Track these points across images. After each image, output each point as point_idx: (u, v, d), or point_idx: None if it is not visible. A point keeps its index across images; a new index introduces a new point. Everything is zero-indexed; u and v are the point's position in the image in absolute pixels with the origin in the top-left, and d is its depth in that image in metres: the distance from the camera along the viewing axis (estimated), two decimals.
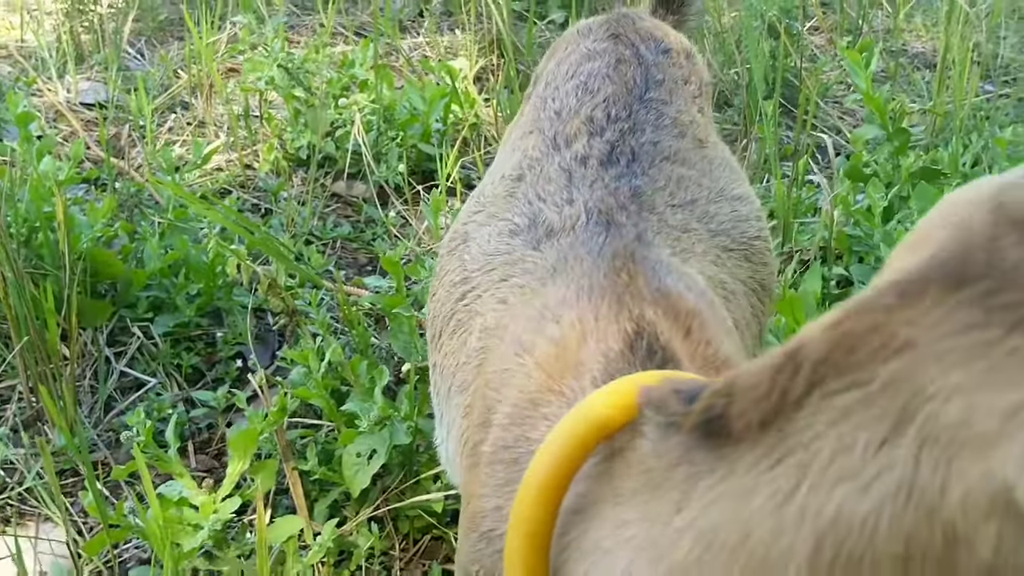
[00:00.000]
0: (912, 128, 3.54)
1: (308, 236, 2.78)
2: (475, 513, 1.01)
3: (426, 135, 3.11)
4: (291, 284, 2.37)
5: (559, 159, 1.34)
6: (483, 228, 1.34)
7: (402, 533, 1.83)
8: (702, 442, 0.68)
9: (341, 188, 3.07)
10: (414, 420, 1.78)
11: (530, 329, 1.08)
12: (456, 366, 1.26)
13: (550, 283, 1.14)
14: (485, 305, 1.23)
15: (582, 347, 0.99)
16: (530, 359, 1.03)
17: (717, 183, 1.43)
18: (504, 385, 1.05)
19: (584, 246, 1.15)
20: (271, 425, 1.71)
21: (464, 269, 1.32)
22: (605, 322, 1.01)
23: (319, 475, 1.82)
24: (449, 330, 1.31)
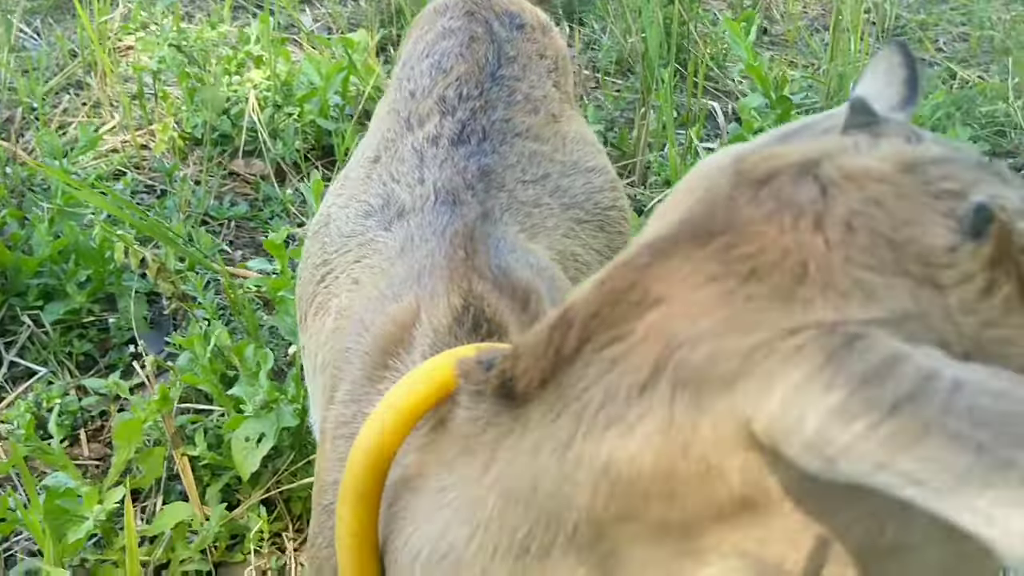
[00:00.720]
0: (807, 89, 3.63)
1: (204, 216, 2.76)
2: (320, 488, 1.05)
3: (324, 110, 3.09)
4: (181, 268, 2.35)
5: (412, 139, 1.35)
6: (343, 210, 1.36)
7: (295, 515, 1.85)
8: (502, 404, 0.72)
9: (239, 166, 3.05)
10: (301, 402, 1.79)
11: (372, 308, 1.11)
12: (317, 347, 1.29)
13: (397, 263, 1.17)
14: (341, 286, 1.26)
15: (416, 323, 1.03)
16: (369, 337, 1.07)
17: (570, 156, 1.45)
18: (346, 363, 1.08)
19: (430, 226, 1.19)
20: (155, 413, 1.71)
21: (324, 251, 1.34)
22: (437, 298, 1.04)
23: (209, 460, 1.82)
24: (312, 312, 1.33)
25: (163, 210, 2.70)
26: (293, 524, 1.84)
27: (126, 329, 2.30)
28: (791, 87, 2.90)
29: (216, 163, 2.99)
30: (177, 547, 1.69)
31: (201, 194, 2.80)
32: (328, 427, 1.07)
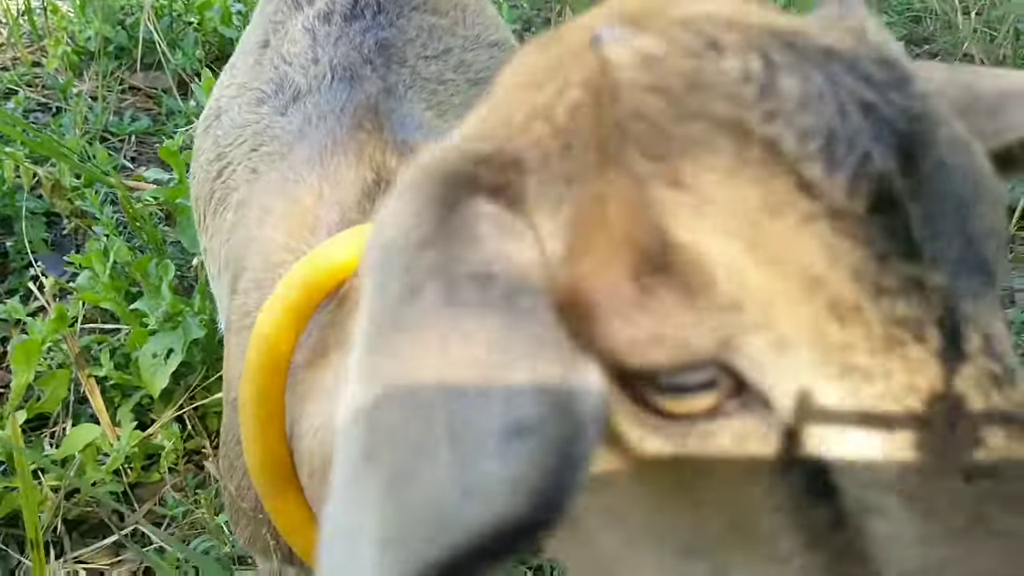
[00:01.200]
0: None
1: (103, 133, 2.63)
2: (227, 383, 1.01)
3: (226, 18, 2.96)
4: (78, 185, 2.24)
5: (302, 19, 1.28)
6: (234, 100, 1.28)
7: (211, 430, 1.80)
8: None
9: (138, 80, 2.91)
10: (208, 314, 1.72)
11: (272, 192, 1.05)
12: (220, 245, 1.22)
13: (296, 146, 1.11)
14: (239, 179, 1.19)
15: (319, 202, 0.98)
16: (270, 222, 1.01)
17: (472, 31, 1.38)
18: (248, 252, 1.03)
19: (328, 104, 1.12)
20: (53, 334, 1.63)
21: (217, 145, 1.27)
22: (343, 173, 0.99)
23: (117, 380, 1.75)
24: (211, 211, 1.26)
25: (59, 128, 2.57)
26: (210, 440, 1.79)
27: (24, 253, 2.19)
28: None
29: (114, 77, 2.85)
30: (88, 470, 1.62)
31: (99, 110, 2.66)
32: (232, 319, 1.02)
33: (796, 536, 0.48)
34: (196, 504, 1.60)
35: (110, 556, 1.59)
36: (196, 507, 1.60)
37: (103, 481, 1.64)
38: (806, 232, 0.46)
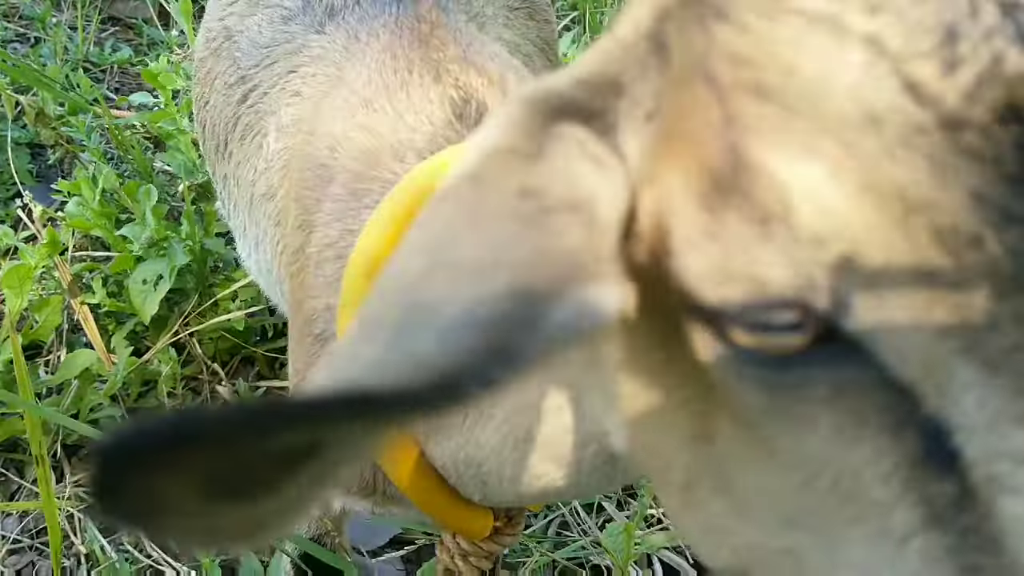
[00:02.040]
0: None
1: (84, 64, 2.58)
2: (307, 318, 0.95)
3: None
4: (62, 113, 2.20)
5: None
6: (247, 19, 1.22)
7: (208, 355, 1.78)
8: None
9: (119, 10, 2.85)
10: (196, 240, 1.70)
11: (339, 119, 0.99)
12: (255, 173, 1.16)
13: (348, 66, 1.05)
14: (276, 102, 1.13)
15: (399, 125, 0.92)
16: (344, 151, 0.95)
17: None
18: (321, 182, 0.97)
19: (378, 19, 1.06)
20: (45, 258, 1.60)
21: (238, 68, 1.20)
22: (423, 91, 0.94)
23: (109, 307, 1.73)
24: (236, 136, 1.20)
25: (38, 59, 2.51)
26: (207, 366, 1.78)
27: (9, 184, 2.16)
28: None
29: (93, 7, 2.78)
30: (86, 395, 1.61)
31: (79, 40, 2.61)
32: (311, 251, 0.96)
33: (913, 512, 0.42)
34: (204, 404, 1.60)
35: None
36: None
37: (101, 406, 1.63)
38: (912, 147, 0.38)
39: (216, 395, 1.75)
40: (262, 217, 1.17)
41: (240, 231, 1.30)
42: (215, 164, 1.32)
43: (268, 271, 1.21)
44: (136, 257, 1.69)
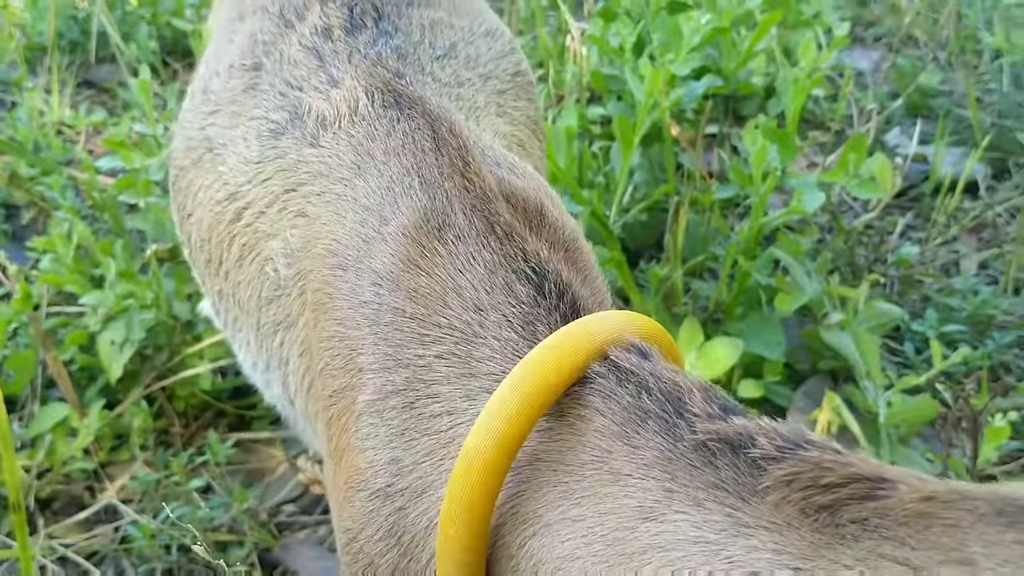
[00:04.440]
0: None
1: (59, 126, 2.62)
2: (361, 469, 0.89)
3: (178, 10, 2.96)
4: (35, 175, 2.23)
5: (297, 38, 1.16)
6: (231, 131, 1.16)
7: (178, 411, 1.80)
8: (725, 462, 0.62)
9: (93, 74, 2.90)
10: (164, 308, 1.73)
11: (377, 254, 0.93)
12: (259, 299, 1.10)
13: (362, 186, 0.98)
14: (277, 224, 1.06)
15: (453, 273, 0.87)
16: (394, 289, 0.90)
17: (465, 20, 1.27)
18: (367, 321, 0.91)
19: (386, 133, 1.00)
20: (19, 313, 1.63)
21: (225, 184, 1.14)
22: (477, 243, 0.87)
23: (81, 363, 1.75)
24: (233, 256, 1.13)
25: (14, 122, 2.55)
26: (179, 420, 1.79)
27: None
28: None
29: (69, 72, 2.83)
30: (59, 449, 1.62)
31: (54, 103, 2.65)
32: (365, 398, 0.89)
33: None
34: (168, 472, 1.61)
35: (82, 531, 1.59)
36: (168, 475, 1.60)
37: (73, 458, 1.64)
38: None
39: (188, 447, 1.76)
40: (277, 345, 1.10)
41: (242, 346, 1.22)
42: (205, 276, 1.24)
43: (286, 398, 1.14)
44: (105, 316, 1.72)
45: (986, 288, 2.10)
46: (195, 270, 1.30)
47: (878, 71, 3.11)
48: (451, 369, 0.84)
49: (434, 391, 0.84)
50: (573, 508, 0.69)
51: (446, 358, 0.84)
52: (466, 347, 0.84)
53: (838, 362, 1.81)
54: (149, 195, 1.81)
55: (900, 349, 1.99)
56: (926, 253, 2.26)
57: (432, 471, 0.83)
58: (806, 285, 1.82)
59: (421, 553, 0.83)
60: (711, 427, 0.64)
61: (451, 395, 0.84)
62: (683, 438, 0.65)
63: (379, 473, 0.87)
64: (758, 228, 1.79)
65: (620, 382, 0.70)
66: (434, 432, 0.83)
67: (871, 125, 2.60)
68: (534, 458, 0.74)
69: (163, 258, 1.88)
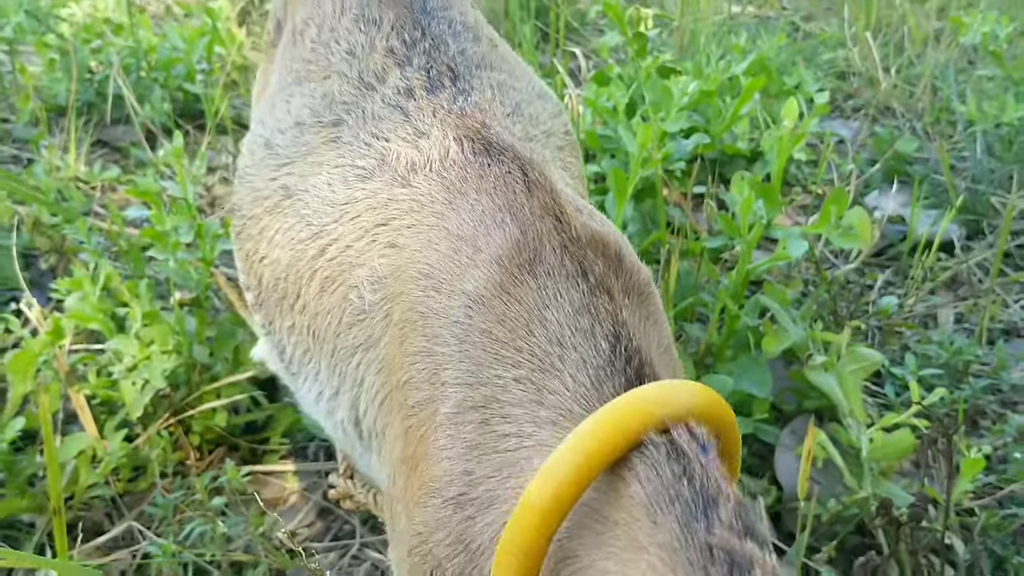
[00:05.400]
0: (657, 38, 3.80)
1: (75, 182, 2.73)
2: (437, 477, 0.94)
3: (190, 75, 3.09)
4: (56, 223, 2.34)
5: (380, 96, 1.27)
6: (312, 178, 1.25)
7: (194, 445, 1.88)
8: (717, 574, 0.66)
9: (108, 134, 3.02)
10: (186, 353, 1.82)
11: (469, 278, 0.99)
12: (339, 325, 1.17)
13: (454, 216, 1.06)
14: (365, 254, 1.14)
15: (547, 309, 0.93)
16: (481, 314, 0.96)
17: (522, 82, 1.36)
18: (456, 339, 0.97)
19: (478, 175, 1.08)
20: (48, 346, 1.71)
21: (309, 224, 1.23)
22: (567, 282, 0.93)
23: (103, 397, 1.83)
24: (314, 289, 1.21)
25: (32, 177, 2.66)
26: (194, 453, 1.87)
27: (5, 289, 2.27)
28: (646, 24, 3.04)
29: (85, 131, 2.95)
30: (81, 476, 1.70)
31: (70, 160, 2.77)
32: (445, 411, 0.95)
33: None
34: (187, 494, 1.68)
35: (101, 556, 1.65)
36: (187, 498, 1.68)
37: (95, 485, 1.71)
38: None
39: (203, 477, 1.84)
40: (353, 367, 1.16)
41: (308, 378, 1.29)
42: (275, 314, 1.32)
43: (351, 419, 1.20)
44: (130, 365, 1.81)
45: (962, 338, 2.21)
46: (260, 312, 1.37)
47: (857, 139, 3.27)
48: (524, 394, 0.90)
49: (507, 412, 0.90)
50: (602, 560, 0.75)
51: (522, 382, 0.90)
52: (541, 376, 0.89)
53: (822, 401, 1.90)
54: (176, 252, 1.91)
55: (881, 392, 2.09)
56: (905, 306, 2.37)
57: (499, 486, 0.89)
58: (792, 330, 1.92)
59: (485, 562, 0.88)
60: (726, 537, 0.67)
61: (521, 418, 0.89)
62: (697, 534, 0.68)
63: (453, 482, 0.92)
64: (745, 273, 1.91)
65: (669, 459, 0.73)
66: (503, 450, 0.89)
67: (851, 188, 2.74)
68: (582, 502, 0.79)
69: (185, 304, 1.97)
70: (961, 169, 2.99)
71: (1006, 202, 2.77)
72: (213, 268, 1.95)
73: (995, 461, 1.90)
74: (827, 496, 1.74)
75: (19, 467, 1.66)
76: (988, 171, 2.88)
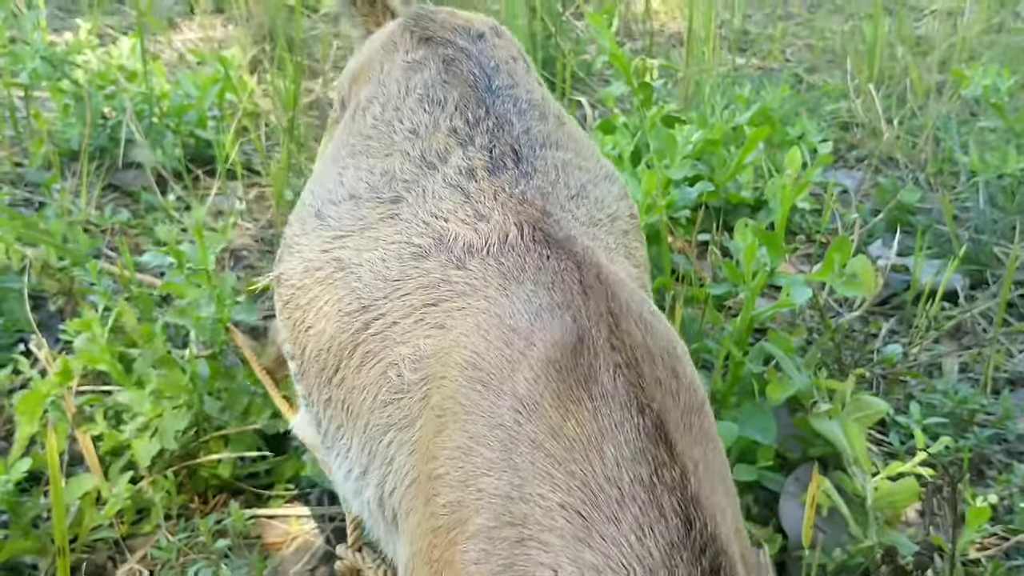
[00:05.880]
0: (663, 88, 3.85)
1: (85, 225, 2.75)
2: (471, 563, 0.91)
3: (202, 121, 3.13)
4: (64, 266, 2.36)
5: (441, 176, 1.25)
6: (367, 253, 1.24)
7: (198, 491, 1.88)
8: None
9: (119, 178, 3.05)
10: (196, 403, 1.83)
11: (521, 380, 0.95)
12: (374, 401, 1.16)
13: (507, 304, 1.04)
14: (411, 333, 1.12)
15: (604, 440, 0.88)
16: (535, 421, 0.91)
17: (589, 162, 1.34)
18: (501, 445, 0.93)
19: (536, 267, 1.06)
20: (57, 387, 1.72)
21: (359, 297, 1.21)
22: (622, 414, 0.89)
23: (109, 439, 1.84)
24: (354, 363, 1.19)
25: (43, 219, 2.68)
26: (198, 497, 1.87)
27: (12, 331, 2.29)
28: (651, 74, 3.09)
29: (97, 175, 2.99)
30: (86, 518, 1.70)
31: (81, 204, 2.80)
32: (481, 522, 0.91)
33: None
34: (190, 537, 1.68)
35: None
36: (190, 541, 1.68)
37: (99, 527, 1.71)
38: None
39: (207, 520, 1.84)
40: (384, 446, 1.14)
41: (340, 454, 1.28)
42: (313, 386, 1.30)
43: (376, 499, 1.19)
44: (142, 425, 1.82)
45: (966, 388, 2.21)
46: (301, 383, 1.36)
47: (860, 189, 3.29)
48: (569, 525, 0.84)
49: (546, 539, 0.84)
50: None
51: (568, 511, 0.85)
52: (593, 512, 0.84)
53: (827, 449, 1.90)
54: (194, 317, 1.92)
55: (886, 440, 2.09)
56: (909, 355, 2.37)
57: None
58: (796, 377, 1.93)
59: None
60: None
61: (560, 551, 0.84)
62: None
63: None
64: (749, 320, 1.92)
65: None
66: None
67: (854, 237, 2.75)
68: None
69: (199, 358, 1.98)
70: (964, 219, 3.01)
71: (1009, 252, 2.78)
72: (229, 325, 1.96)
73: (1001, 511, 1.89)
74: (832, 545, 1.73)
75: (24, 508, 1.66)
76: (991, 221, 2.90)
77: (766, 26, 5.03)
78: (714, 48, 4.03)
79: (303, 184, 3.07)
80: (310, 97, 3.73)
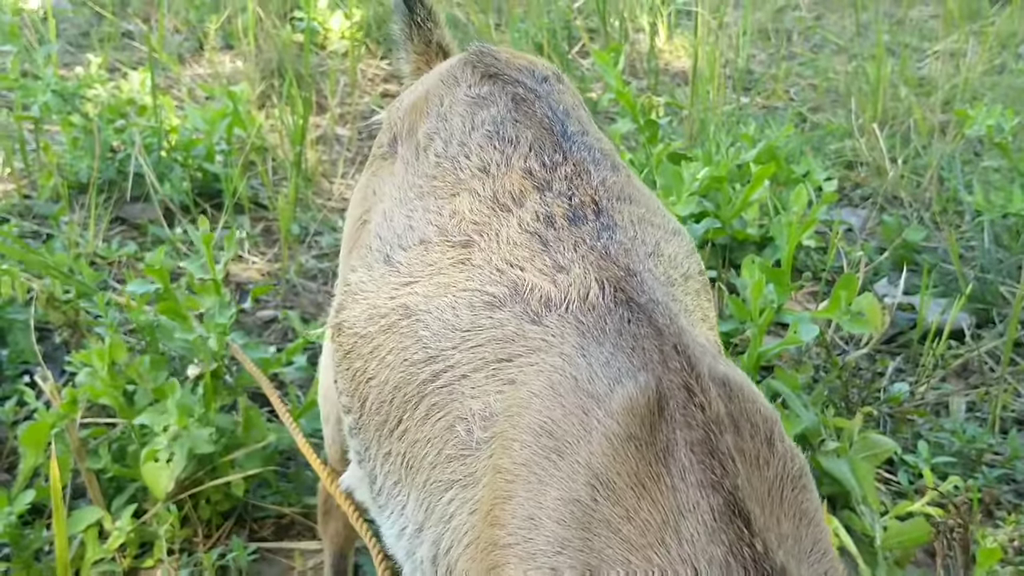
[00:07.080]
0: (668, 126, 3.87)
1: (92, 257, 2.76)
2: None
3: (210, 155, 3.15)
4: (70, 298, 2.36)
5: (516, 220, 1.18)
6: (436, 300, 1.17)
7: (204, 520, 1.87)
8: None
9: (127, 211, 3.07)
10: (213, 424, 1.82)
11: (598, 449, 0.91)
12: (437, 456, 1.10)
13: (585, 366, 0.99)
14: (480, 388, 1.07)
15: (683, 520, 0.84)
16: (612, 500, 0.87)
17: (659, 217, 1.28)
18: (576, 523, 0.89)
19: (617, 330, 1.01)
20: (61, 419, 1.72)
21: (426, 347, 1.15)
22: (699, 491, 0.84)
23: (114, 472, 1.83)
24: (418, 416, 1.14)
25: (51, 252, 2.69)
26: (203, 529, 1.86)
27: (18, 363, 2.29)
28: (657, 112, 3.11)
29: (105, 207, 3.00)
30: (88, 551, 1.69)
31: (89, 237, 2.81)
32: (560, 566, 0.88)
33: None
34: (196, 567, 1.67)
35: None
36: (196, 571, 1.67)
37: (102, 560, 1.70)
38: None
39: (210, 555, 1.83)
40: (444, 503, 1.09)
41: (393, 512, 1.22)
42: (373, 439, 1.25)
43: (431, 558, 1.14)
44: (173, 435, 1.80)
45: (974, 427, 2.20)
46: (357, 437, 1.31)
47: (865, 227, 3.30)
48: None
49: None
50: None
51: None
52: None
53: (835, 488, 1.89)
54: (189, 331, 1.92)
55: (894, 479, 2.08)
56: (916, 393, 2.37)
57: None
58: (803, 415, 1.92)
59: None
60: None
61: None
62: None
63: None
64: (756, 357, 1.91)
65: None
66: None
67: (860, 275, 2.75)
68: None
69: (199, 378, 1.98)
70: (969, 258, 3.01)
71: (1015, 291, 2.78)
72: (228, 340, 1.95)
73: (1011, 552, 1.87)
74: None
75: (26, 541, 1.65)
76: (996, 260, 2.90)
77: (770, 66, 5.06)
78: (719, 87, 4.06)
79: (309, 219, 3.11)
80: (318, 132, 3.76)
